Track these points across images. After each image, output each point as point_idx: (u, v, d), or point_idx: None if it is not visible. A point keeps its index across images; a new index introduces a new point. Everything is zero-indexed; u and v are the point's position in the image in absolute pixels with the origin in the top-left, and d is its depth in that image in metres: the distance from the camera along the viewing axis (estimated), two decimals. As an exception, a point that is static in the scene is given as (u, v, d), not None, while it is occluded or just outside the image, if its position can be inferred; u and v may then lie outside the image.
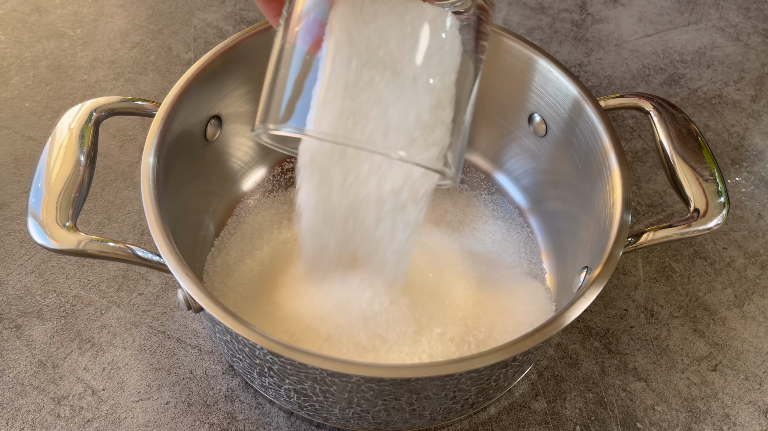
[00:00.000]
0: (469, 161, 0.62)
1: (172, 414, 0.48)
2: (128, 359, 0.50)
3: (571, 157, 0.52)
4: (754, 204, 0.63)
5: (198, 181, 0.53)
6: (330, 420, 0.47)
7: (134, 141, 0.63)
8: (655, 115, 0.49)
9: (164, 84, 0.68)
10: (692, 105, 0.71)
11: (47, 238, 0.40)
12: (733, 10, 0.82)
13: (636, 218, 0.62)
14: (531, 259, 0.56)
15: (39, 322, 0.52)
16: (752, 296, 0.57)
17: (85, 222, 0.57)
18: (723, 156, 0.67)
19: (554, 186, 0.56)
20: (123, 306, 0.53)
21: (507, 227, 0.58)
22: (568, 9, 0.80)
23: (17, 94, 0.66)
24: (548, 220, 0.58)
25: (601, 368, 0.52)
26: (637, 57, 0.75)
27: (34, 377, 0.49)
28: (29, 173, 0.60)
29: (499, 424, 0.49)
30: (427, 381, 0.40)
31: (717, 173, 0.46)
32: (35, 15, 0.74)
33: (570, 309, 0.40)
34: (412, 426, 0.47)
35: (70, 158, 0.44)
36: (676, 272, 0.58)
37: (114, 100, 0.48)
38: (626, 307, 0.56)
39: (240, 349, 0.42)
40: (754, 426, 0.50)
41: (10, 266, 0.55)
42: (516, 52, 0.54)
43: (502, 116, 0.58)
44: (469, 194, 0.60)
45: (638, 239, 0.45)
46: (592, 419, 0.50)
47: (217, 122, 0.53)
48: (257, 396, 0.49)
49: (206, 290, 0.39)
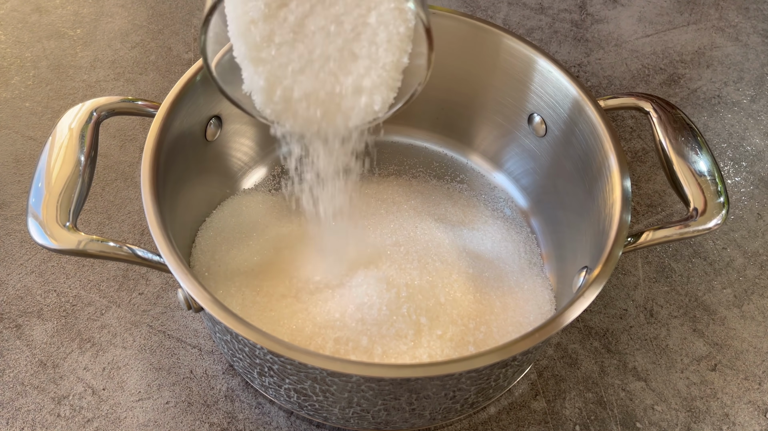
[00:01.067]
0: (469, 161, 0.62)
1: (172, 413, 0.48)
2: (128, 359, 0.50)
3: (571, 157, 0.52)
4: (754, 204, 0.63)
5: (198, 180, 0.53)
6: (330, 420, 0.47)
7: (134, 141, 0.63)
8: (654, 115, 0.49)
9: (164, 84, 0.68)
10: (692, 105, 0.71)
11: (47, 238, 0.40)
12: (733, 11, 0.82)
13: (635, 218, 0.62)
14: (531, 259, 0.56)
15: (39, 322, 0.52)
16: (752, 296, 0.57)
17: (85, 222, 0.57)
18: (722, 156, 0.67)
19: (554, 186, 0.56)
20: (123, 305, 0.53)
21: (507, 227, 0.58)
22: (568, 9, 0.80)
23: (18, 94, 0.66)
24: (548, 220, 0.58)
25: (600, 368, 0.52)
26: (637, 57, 0.75)
27: (35, 377, 0.49)
28: (29, 173, 0.60)
29: (499, 424, 0.49)
30: (427, 381, 0.40)
31: (716, 173, 0.46)
32: (35, 15, 0.74)
33: (569, 309, 0.40)
34: (412, 425, 0.47)
35: (71, 158, 0.44)
36: (676, 272, 0.58)
37: (114, 100, 0.48)
38: (626, 307, 0.56)
39: (240, 349, 0.42)
40: (753, 425, 0.50)
41: (10, 266, 0.55)
42: (516, 52, 0.54)
43: (502, 116, 0.58)
44: (469, 194, 0.60)
45: (638, 239, 0.45)
46: (592, 419, 0.50)
47: (217, 122, 0.53)
48: (257, 395, 0.49)
49: (206, 290, 0.39)
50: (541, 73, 0.53)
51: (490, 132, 0.60)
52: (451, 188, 0.61)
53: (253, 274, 0.51)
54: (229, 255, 0.53)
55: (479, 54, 0.56)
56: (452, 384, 0.41)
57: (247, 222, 0.55)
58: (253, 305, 0.49)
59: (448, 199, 0.59)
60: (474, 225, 0.57)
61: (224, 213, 0.55)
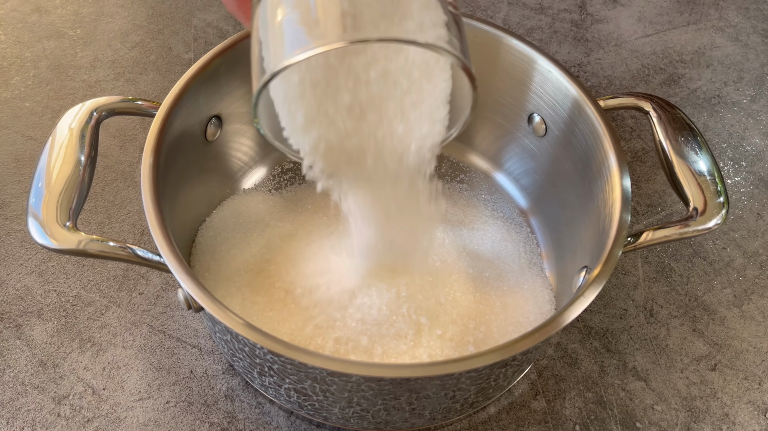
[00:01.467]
0: (469, 161, 0.62)
1: (172, 413, 0.48)
2: (128, 358, 0.50)
3: (571, 156, 0.52)
4: (754, 204, 0.63)
5: (198, 180, 0.53)
6: (330, 420, 0.47)
7: (134, 141, 0.63)
8: (654, 115, 0.49)
9: (164, 84, 0.68)
10: (692, 105, 0.71)
11: (48, 238, 0.40)
12: (733, 10, 0.82)
13: (635, 218, 0.62)
14: (531, 259, 0.56)
15: (39, 322, 0.52)
16: (751, 296, 0.57)
17: (85, 222, 0.57)
18: (722, 156, 0.67)
19: (554, 186, 0.57)
20: (123, 305, 0.53)
21: (507, 227, 0.58)
22: (568, 9, 0.80)
23: (17, 93, 0.66)
24: (548, 220, 0.58)
25: (600, 367, 0.52)
26: (637, 57, 0.75)
27: (35, 376, 0.49)
28: (29, 173, 0.60)
29: (499, 424, 0.49)
30: (427, 381, 0.40)
31: (716, 173, 0.46)
32: (35, 15, 0.74)
33: (569, 309, 0.40)
34: (412, 425, 0.47)
35: (71, 158, 0.44)
36: (676, 272, 0.58)
37: (114, 100, 0.48)
38: (626, 307, 0.56)
39: (240, 349, 0.42)
40: (753, 425, 0.50)
41: (10, 266, 0.55)
42: (516, 52, 0.54)
43: (502, 116, 0.58)
44: (469, 194, 0.60)
45: (638, 239, 0.45)
46: (592, 418, 0.50)
47: (218, 122, 0.53)
48: (257, 395, 0.49)
49: (206, 290, 0.39)
50: (541, 73, 0.53)
51: (490, 132, 0.60)
52: (451, 188, 0.61)
53: (253, 274, 0.51)
54: (229, 255, 0.53)
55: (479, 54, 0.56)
56: (452, 384, 0.41)
57: (247, 222, 0.55)
58: (253, 305, 0.49)
59: (448, 199, 0.59)
60: (474, 226, 0.57)
61: (224, 213, 0.55)
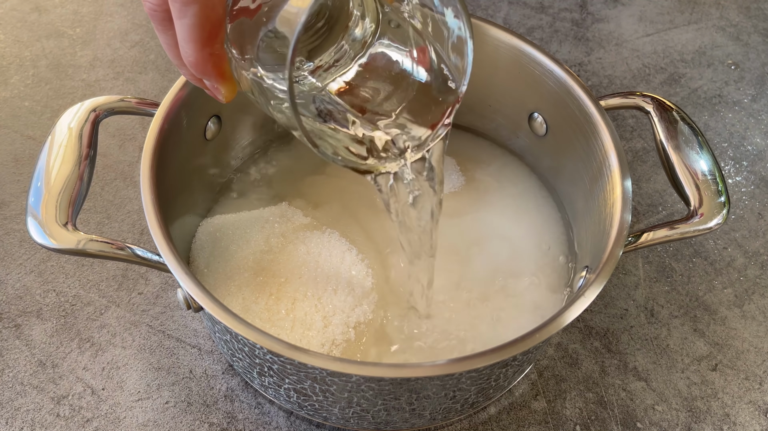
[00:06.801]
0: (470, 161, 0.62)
1: (171, 413, 0.48)
2: (128, 358, 0.50)
3: (571, 156, 0.52)
4: (755, 203, 0.63)
5: (198, 180, 0.53)
6: (330, 420, 0.47)
7: (134, 140, 0.63)
8: (655, 114, 0.49)
9: (164, 83, 0.68)
10: (692, 104, 0.71)
11: (47, 238, 0.40)
12: (734, 10, 0.81)
13: (636, 218, 0.62)
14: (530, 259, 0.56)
15: (38, 322, 0.52)
16: (752, 296, 0.57)
17: (84, 222, 0.57)
18: (723, 155, 0.67)
19: (554, 185, 0.56)
20: (122, 305, 0.53)
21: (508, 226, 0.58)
22: (569, 8, 0.80)
23: (17, 93, 0.66)
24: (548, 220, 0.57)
25: (601, 368, 0.52)
26: (638, 56, 0.75)
27: (34, 376, 0.49)
28: (29, 172, 0.60)
29: (499, 424, 0.49)
30: (427, 381, 0.40)
31: (717, 173, 0.46)
32: (35, 14, 0.74)
33: (570, 309, 0.40)
34: (412, 425, 0.47)
35: (70, 157, 0.44)
36: (676, 272, 0.58)
37: (113, 100, 0.47)
38: (626, 307, 0.56)
39: (240, 349, 0.42)
40: (754, 425, 0.50)
41: (9, 265, 0.55)
42: (516, 51, 0.53)
43: (502, 116, 0.58)
44: (469, 194, 0.60)
45: (638, 239, 0.45)
46: (592, 419, 0.50)
47: (217, 121, 0.53)
48: (257, 395, 0.49)
49: (206, 289, 0.39)
50: (542, 73, 0.53)
51: (490, 132, 0.60)
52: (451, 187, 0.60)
53: (254, 273, 0.51)
54: (229, 254, 0.52)
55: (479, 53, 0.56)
56: (452, 384, 0.41)
57: (246, 221, 0.55)
58: (253, 305, 0.49)
59: (448, 199, 0.59)
60: (474, 225, 0.57)
61: (224, 212, 0.55)
